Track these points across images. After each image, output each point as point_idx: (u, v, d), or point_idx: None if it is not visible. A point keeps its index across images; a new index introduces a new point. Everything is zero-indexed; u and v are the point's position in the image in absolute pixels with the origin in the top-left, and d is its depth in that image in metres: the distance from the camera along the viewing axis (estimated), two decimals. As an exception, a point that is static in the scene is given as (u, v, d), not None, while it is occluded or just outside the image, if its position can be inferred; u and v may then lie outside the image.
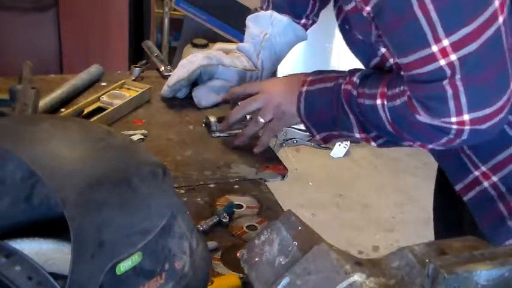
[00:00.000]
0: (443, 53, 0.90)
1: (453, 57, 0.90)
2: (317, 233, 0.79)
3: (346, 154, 3.30)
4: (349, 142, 3.27)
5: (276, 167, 1.25)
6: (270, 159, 1.27)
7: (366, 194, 3.06)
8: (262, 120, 1.22)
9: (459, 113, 0.93)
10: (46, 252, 0.78)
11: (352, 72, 1.12)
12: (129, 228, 0.67)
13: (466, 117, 0.93)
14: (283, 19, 1.34)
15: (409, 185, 3.14)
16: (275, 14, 1.35)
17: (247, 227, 1.06)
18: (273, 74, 1.54)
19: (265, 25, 1.36)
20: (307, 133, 1.33)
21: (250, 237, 0.97)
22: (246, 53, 1.39)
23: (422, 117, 0.97)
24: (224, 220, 1.05)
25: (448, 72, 0.91)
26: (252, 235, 1.00)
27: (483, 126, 0.95)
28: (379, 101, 1.04)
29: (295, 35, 1.36)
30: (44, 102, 1.30)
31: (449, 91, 0.92)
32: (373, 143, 1.12)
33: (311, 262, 0.72)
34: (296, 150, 3.21)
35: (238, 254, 0.83)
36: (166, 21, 3.42)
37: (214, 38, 3.30)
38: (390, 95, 1.03)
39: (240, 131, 1.27)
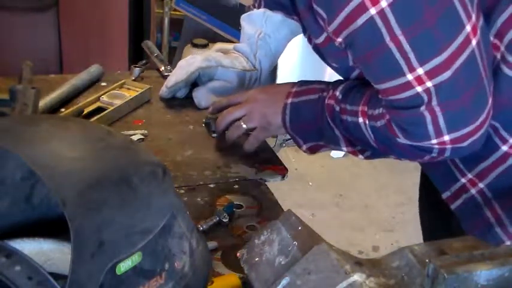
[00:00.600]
0: (419, 80, 0.90)
1: (429, 84, 0.90)
2: (317, 233, 0.79)
3: (346, 154, 3.29)
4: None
5: (276, 167, 1.25)
6: (270, 159, 1.27)
7: (366, 194, 3.06)
8: (244, 126, 1.22)
9: (439, 134, 0.94)
10: (46, 252, 0.78)
11: (335, 84, 1.12)
12: (129, 228, 0.67)
13: (446, 137, 0.94)
14: (276, 16, 1.33)
15: (409, 185, 3.14)
16: (268, 12, 1.34)
17: (247, 227, 1.06)
18: (273, 71, 1.55)
19: (259, 24, 1.36)
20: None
21: (250, 237, 0.97)
22: (244, 54, 1.39)
23: (403, 140, 0.97)
24: (224, 220, 1.05)
25: (425, 98, 0.91)
26: (252, 235, 1.00)
27: (464, 144, 0.95)
28: (361, 119, 1.04)
29: (289, 30, 1.36)
30: (44, 102, 1.30)
31: (428, 117, 0.92)
32: (360, 156, 1.13)
33: (311, 262, 0.72)
34: (296, 150, 3.20)
35: (238, 254, 0.83)
36: (166, 21, 3.42)
37: (214, 38, 3.30)
38: (371, 115, 1.03)
39: None
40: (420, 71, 0.89)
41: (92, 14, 2.63)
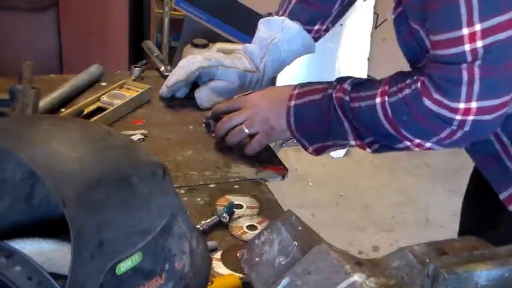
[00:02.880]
0: (471, 38, 0.92)
1: (479, 43, 0.92)
2: (317, 233, 0.79)
3: (346, 154, 3.30)
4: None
5: (276, 167, 1.25)
6: (270, 159, 1.27)
7: (366, 194, 3.06)
8: (247, 130, 1.22)
9: (469, 99, 0.95)
10: (46, 252, 0.78)
11: (340, 80, 1.13)
12: (129, 228, 0.67)
13: (473, 104, 0.95)
14: (294, 26, 1.33)
15: (409, 185, 3.15)
16: (287, 21, 1.34)
17: (247, 227, 1.06)
18: (273, 80, 1.54)
19: (275, 30, 1.35)
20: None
21: (250, 237, 0.97)
22: (250, 55, 1.39)
23: (430, 102, 0.98)
24: (224, 220, 1.05)
25: (469, 58, 0.93)
26: (252, 235, 1.00)
27: (487, 117, 0.96)
28: (378, 100, 1.05)
29: (302, 45, 1.35)
30: (44, 102, 1.30)
31: (465, 77, 0.94)
32: (368, 150, 1.12)
33: (311, 262, 0.72)
34: (296, 150, 3.21)
35: (238, 254, 0.83)
36: (166, 21, 3.42)
37: (214, 38, 3.31)
38: (393, 91, 1.04)
39: None
40: (478, 27, 0.91)
41: (92, 14, 2.63)
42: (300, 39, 1.34)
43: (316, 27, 1.34)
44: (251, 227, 1.06)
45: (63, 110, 1.35)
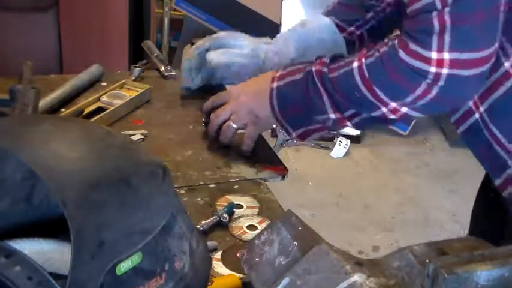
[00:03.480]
0: None
1: None
2: (317, 233, 0.79)
3: (346, 154, 3.30)
4: (349, 142, 3.28)
5: (276, 167, 1.25)
6: (270, 159, 1.27)
7: (366, 194, 3.06)
8: (234, 125, 1.22)
9: (441, 48, 0.95)
10: (46, 252, 0.78)
11: (320, 57, 1.13)
12: (129, 228, 0.67)
13: (446, 55, 0.95)
14: (325, 18, 1.32)
15: (409, 185, 3.15)
16: (320, 15, 1.33)
17: (247, 227, 1.06)
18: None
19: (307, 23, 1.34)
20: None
21: (250, 237, 0.97)
22: (274, 41, 1.36)
23: (405, 54, 0.99)
24: (224, 220, 1.05)
25: (439, 5, 0.94)
26: (252, 235, 1.00)
27: (462, 72, 0.96)
28: (356, 63, 1.06)
29: (331, 38, 1.31)
30: (44, 102, 1.30)
31: (437, 25, 0.95)
32: (348, 123, 1.12)
33: (311, 262, 0.72)
34: (296, 150, 3.21)
35: (238, 254, 0.83)
36: (166, 21, 3.42)
37: (214, 38, 3.30)
38: (370, 53, 1.05)
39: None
40: None
41: (92, 14, 2.63)
42: (328, 31, 1.31)
43: (350, 28, 1.32)
44: (251, 227, 1.06)
45: (63, 110, 1.35)
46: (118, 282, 0.64)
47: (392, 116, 1.05)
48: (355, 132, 3.30)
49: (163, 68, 1.57)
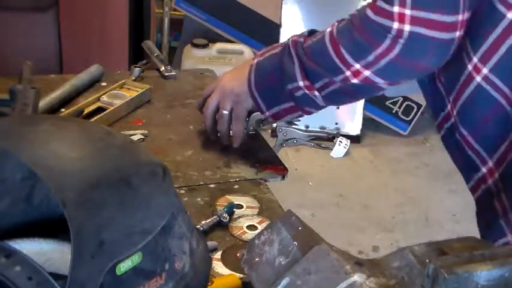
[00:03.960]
0: None
1: None
2: (317, 233, 0.79)
3: (346, 154, 3.30)
4: (349, 142, 3.28)
5: (276, 167, 1.25)
6: (270, 159, 1.27)
7: (366, 194, 3.06)
8: (225, 111, 1.21)
9: (402, 4, 0.96)
10: (46, 252, 0.78)
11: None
12: (129, 228, 0.67)
13: (407, 11, 0.96)
14: None
15: (409, 185, 3.14)
16: None
17: (247, 227, 1.06)
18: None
19: None
20: (307, 133, 1.33)
21: (250, 237, 0.97)
22: None
23: (370, 12, 1.00)
24: (224, 220, 1.05)
25: None
26: (252, 235, 1.00)
27: (424, 31, 0.97)
28: (328, 29, 1.07)
29: None
30: (44, 102, 1.30)
31: None
32: (316, 93, 1.10)
33: (311, 262, 0.72)
34: (296, 150, 3.21)
35: (238, 254, 0.83)
36: (166, 21, 3.43)
37: (214, 38, 3.31)
38: (341, 20, 1.07)
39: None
40: None
41: (92, 14, 2.63)
42: None
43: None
44: (251, 227, 1.06)
45: (63, 110, 1.35)
46: (118, 282, 0.64)
47: (355, 80, 1.04)
48: (355, 132, 3.30)
49: (163, 68, 1.57)
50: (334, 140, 3.35)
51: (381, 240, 2.75)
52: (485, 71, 1.02)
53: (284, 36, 3.06)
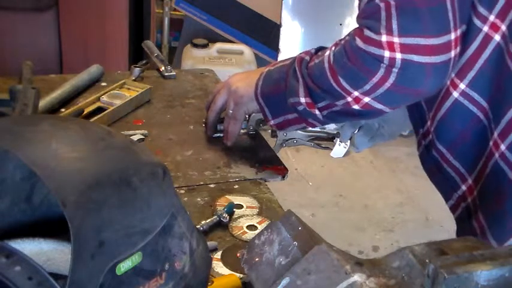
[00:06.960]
0: None
1: None
2: (317, 233, 0.79)
3: (346, 154, 3.29)
4: (349, 142, 3.28)
5: (276, 167, 1.25)
6: (270, 159, 1.27)
7: (366, 194, 3.06)
8: (230, 111, 1.23)
9: (389, 30, 0.94)
10: (46, 252, 0.78)
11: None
12: (129, 229, 0.67)
13: (396, 39, 0.94)
14: None
15: (409, 185, 3.15)
16: None
17: (247, 227, 1.06)
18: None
19: None
20: (307, 133, 1.33)
21: (250, 237, 0.97)
22: None
23: (360, 41, 0.98)
24: (224, 220, 1.05)
25: None
26: (252, 235, 1.00)
27: (416, 58, 0.94)
28: (327, 52, 1.07)
29: None
30: (44, 102, 1.30)
31: (383, 10, 0.94)
32: (317, 111, 1.10)
33: (311, 262, 0.72)
34: (296, 150, 3.21)
35: (238, 254, 0.82)
36: (166, 21, 3.43)
37: (214, 38, 3.31)
38: (338, 43, 1.06)
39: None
40: None
41: (92, 14, 2.63)
42: None
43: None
44: (251, 227, 1.06)
45: (63, 110, 1.35)
46: (118, 282, 0.64)
47: (356, 106, 1.03)
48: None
49: (163, 68, 1.57)
50: (334, 140, 3.35)
51: (381, 240, 2.75)
52: (462, 86, 1.01)
53: (284, 36, 3.06)
